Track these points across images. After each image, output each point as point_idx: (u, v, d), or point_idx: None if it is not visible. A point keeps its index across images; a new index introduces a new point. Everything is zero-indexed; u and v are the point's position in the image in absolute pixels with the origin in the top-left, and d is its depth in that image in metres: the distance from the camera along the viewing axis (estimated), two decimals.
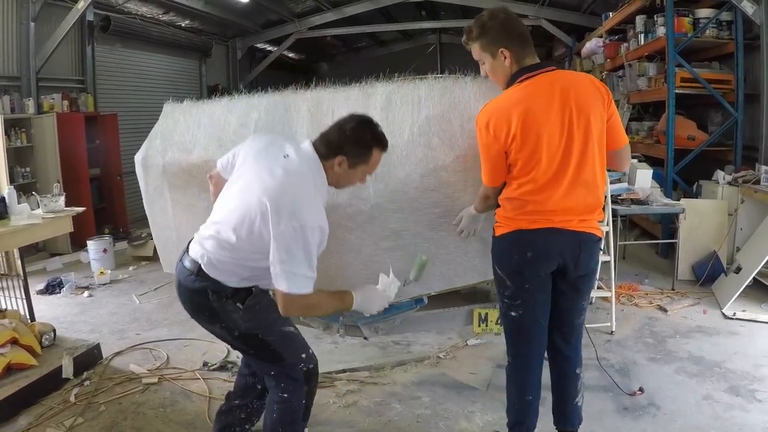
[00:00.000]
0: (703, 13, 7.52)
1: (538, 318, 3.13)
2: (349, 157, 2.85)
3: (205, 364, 4.76)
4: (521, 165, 2.90)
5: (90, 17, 10.41)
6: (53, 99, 9.35)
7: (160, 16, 12.55)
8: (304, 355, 3.03)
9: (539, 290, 3.09)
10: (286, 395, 3.00)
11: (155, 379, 4.52)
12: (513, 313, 3.11)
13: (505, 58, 2.96)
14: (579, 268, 3.05)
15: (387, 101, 3.58)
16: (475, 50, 3.07)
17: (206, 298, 2.83)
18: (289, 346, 3.01)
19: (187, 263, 2.89)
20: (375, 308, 3.06)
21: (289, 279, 2.62)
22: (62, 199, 5.25)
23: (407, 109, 3.50)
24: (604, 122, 2.95)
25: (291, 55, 19.37)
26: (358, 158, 2.87)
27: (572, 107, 2.86)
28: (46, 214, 5.05)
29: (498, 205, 3.09)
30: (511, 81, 2.99)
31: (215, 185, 3.16)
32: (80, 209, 5.49)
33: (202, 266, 2.81)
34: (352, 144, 2.84)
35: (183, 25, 13.51)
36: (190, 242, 2.98)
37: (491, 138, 2.91)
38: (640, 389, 4.17)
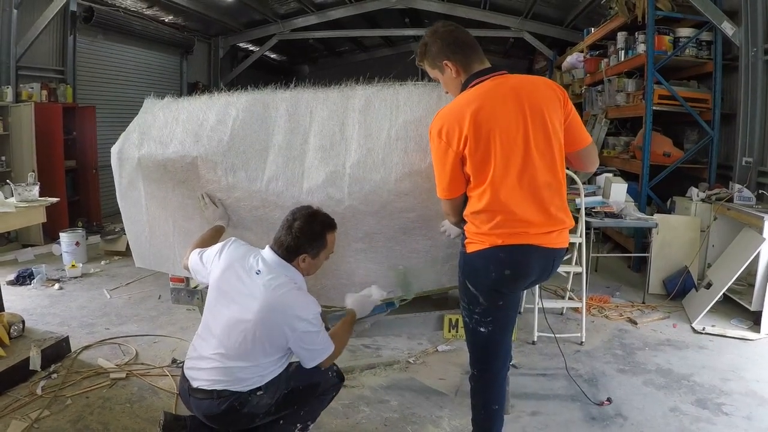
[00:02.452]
0: (684, 32, 7.62)
1: (507, 332, 3.12)
2: (309, 252, 3.11)
3: (174, 360, 4.73)
4: (476, 167, 2.82)
5: (73, 7, 10.36)
6: (32, 88, 9.27)
7: (144, 9, 12.49)
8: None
9: (512, 306, 3.08)
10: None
11: (123, 375, 4.48)
12: (482, 329, 3.05)
13: (450, 70, 2.98)
14: (542, 279, 3.10)
15: (366, 104, 3.59)
16: (428, 70, 3.12)
17: (236, 411, 3.00)
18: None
19: (199, 395, 3.04)
20: (369, 309, 3.48)
21: (317, 357, 3.05)
22: (36, 189, 5.20)
23: (386, 112, 3.51)
24: (561, 123, 2.91)
25: (273, 56, 19.35)
26: (318, 249, 3.14)
27: (526, 108, 2.82)
28: (20, 203, 5.01)
29: (464, 221, 3.01)
30: (462, 88, 2.97)
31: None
32: (54, 200, 5.45)
33: (218, 390, 2.99)
34: (308, 241, 3.08)
35: (166, 20, 13.44)
36: (186, 383, 3.11)
37: (444, 144, 2.85)
38: (608, 399, 4.20)
